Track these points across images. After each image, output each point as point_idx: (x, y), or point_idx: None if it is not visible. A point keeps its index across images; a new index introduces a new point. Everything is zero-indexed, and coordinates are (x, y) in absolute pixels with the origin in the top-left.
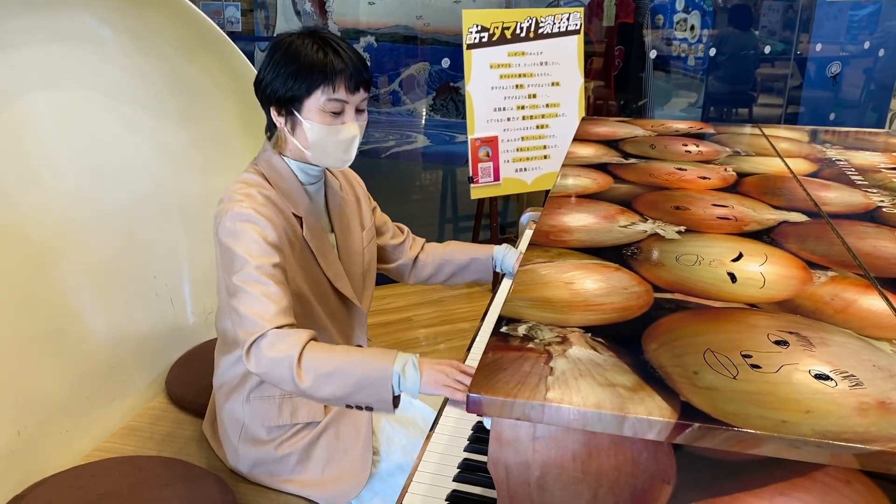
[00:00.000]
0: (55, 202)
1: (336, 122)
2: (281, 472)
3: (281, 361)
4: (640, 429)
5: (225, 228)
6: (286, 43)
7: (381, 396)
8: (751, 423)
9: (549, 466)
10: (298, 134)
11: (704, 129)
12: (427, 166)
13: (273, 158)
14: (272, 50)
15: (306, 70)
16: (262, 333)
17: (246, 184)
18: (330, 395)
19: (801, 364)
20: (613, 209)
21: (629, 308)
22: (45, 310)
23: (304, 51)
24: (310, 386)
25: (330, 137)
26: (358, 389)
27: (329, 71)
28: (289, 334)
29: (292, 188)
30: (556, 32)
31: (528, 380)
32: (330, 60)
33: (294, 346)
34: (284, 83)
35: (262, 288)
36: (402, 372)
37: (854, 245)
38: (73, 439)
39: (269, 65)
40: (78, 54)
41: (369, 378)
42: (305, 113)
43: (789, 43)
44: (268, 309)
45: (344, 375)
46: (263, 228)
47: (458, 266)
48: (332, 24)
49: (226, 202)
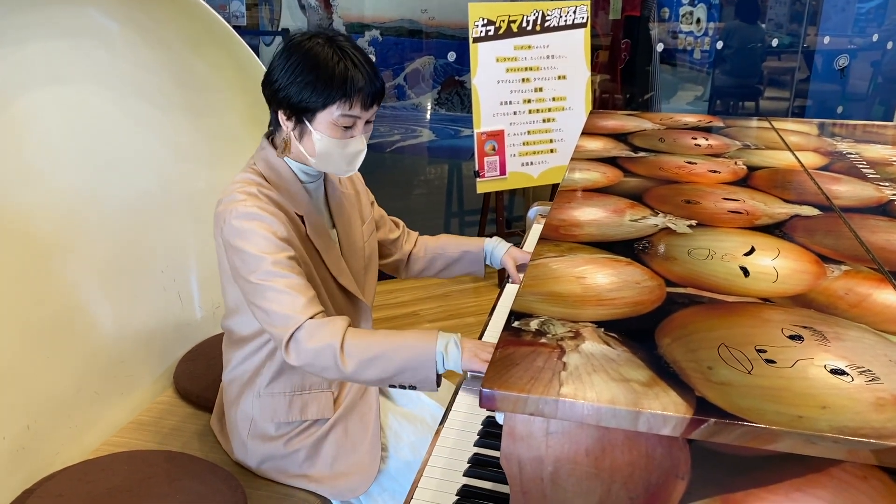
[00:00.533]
0: (62, 197)
1: (346, 136)
2: (289, 468)
3: (323, 350)
4: (654, 424)
5: (231, 229)
6: (304, 48)
7: (426, 376)
8: (766, 419)
9: (562, 462)
10: (306, 142)
11: (713, 123)
12: (432, 160)
13: (271, 158)
14: (288, 52)
15: (325, 83)
16: (299, 326)
17: (245, 183)
18: (374, 378)
19: (816, 359)
20: (623, 203)
21: (642, 303)
22: (52, 305)
23: (325, 61)
24: (354, 371)
25: (337, 150)
26: (402, 371)
27: (349, 88)
28: (325, 323)
29: (292, 187)
30: (562, 26)
31: (541, 375)
32: (350, 76)
33: (335, 334)
34: (300, 92)
35: (286, 281)
36: (444, 351)
37: (867, 239)
38: (81, 434)
39: (284, 68)
40: (84, 49)
41: (414, 360)
42: (316, 124)
43: (796, 36)
44: (296, 301)
45: (388, 359)
46: (271, 224)
47: (449, 259)
48: (336, 18)
49: (227, 202)
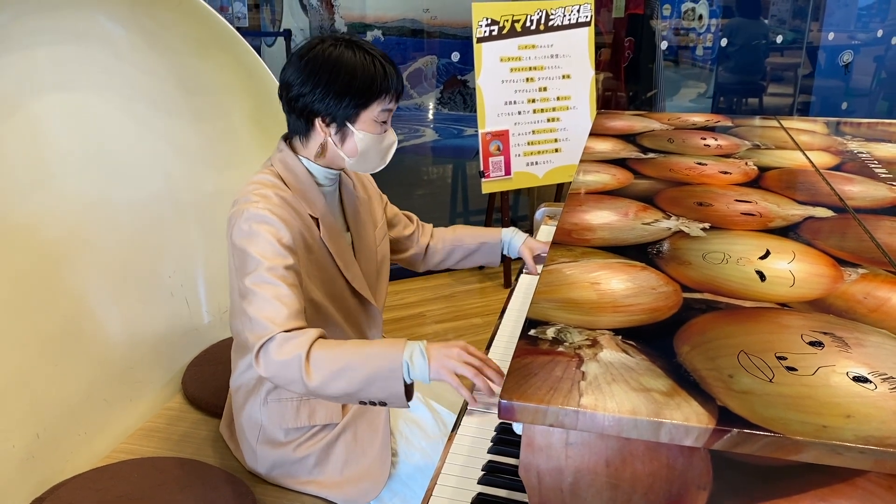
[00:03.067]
0: (69, 202)
1: (383, 131)
2: (299, 474)
3: (290, 363)
4: (676, 435)
5: (240, 230)
6: (326, 55)
7: (393, 389)
8: (791, 429)
9: (582, 472)
10: (347, 144)
11: (722, 123)
12: (436, 160)
13: (289, 159)
14: (311, 63)
15: (367, 84)
16: (271, 337)
17: (261, 184)
18: (341, 393)
19: (837, 366)
20: (635, 206)
21: (658, 309)
22: (61, 311)
23: (358, 63)
24: (319, 384)
25: (376, 146)
26: (368, 384)
27: (389, 83)
28: (296, 335)
29: (308, 189)
30: (566, 25)
31: (560, 385)
32: (388, 71)
33: (302, 346)
34: (340, 99)
35: (274, 290)
36: (410, 361)
37: (883, 241)
38: (91, 441)
39: (312, 79)
40: (91, 54)
41: (379, 371)
42: (360, 125)
43: (799, 32)
44: (278, 312)
45: (353, 370)
46: (278, 230)
47: (467, 250)
48: (338, 17)
49: (241, 203)
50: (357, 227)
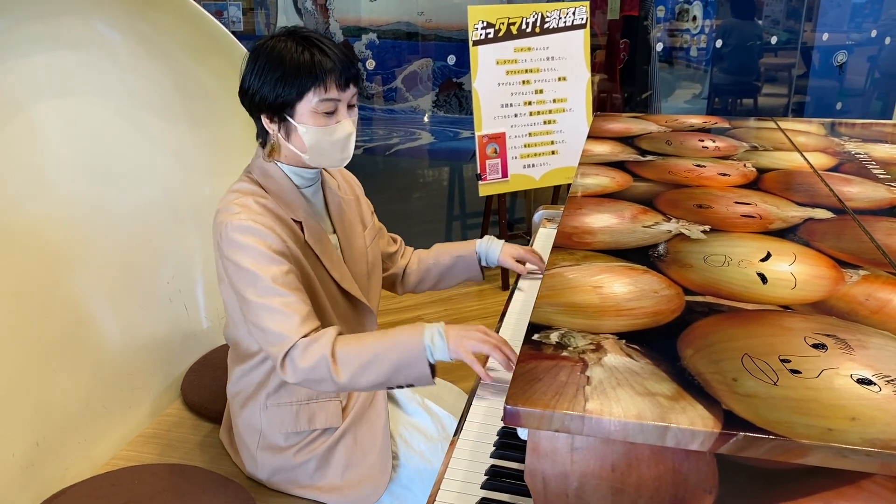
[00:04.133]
0: (67, 208)
1: (331, 122)
2: (300, 479)
3: (317, 366)
4: (682, 439)
5: (228, 242)
6: (268, 47)
7: (419, 372)
8: (796, 432)
9: (587, 477)
10: (294, 139)
11: (719, 124)
12: (432, 163)
13: (266, 165)
14: (253, 56)
15: (294, 73)
16: (293, 345)
17: (240, 193)
18: (370, 384)
19: (841, 368)
20: (635, 209)
21: (661, 312)
22: (59, 318)
23: (289, 53)
24: (349, 380)
25: (326, 138)
26: (396, 372)
27: (318, 71)
28: (316, 339)
29: (288, 193)
30: (561, 27)
31: (565, 390)
32: (318, 60)
33: (325, 347)
34: (273, 89)
35: (281, 300)
36: (431, 343)
37: (883, 242)
38: (91, 448)
39: (252, 72)
40: (88, 60)
41: (405, 357)
42: (298, 117)
43: (793, 32)
44: (291, 320)
45: (380, 361)
46: (265, 238)
47: (443, 268)
48: (333, 21)
49: (223, 213)
50: (343, 228)
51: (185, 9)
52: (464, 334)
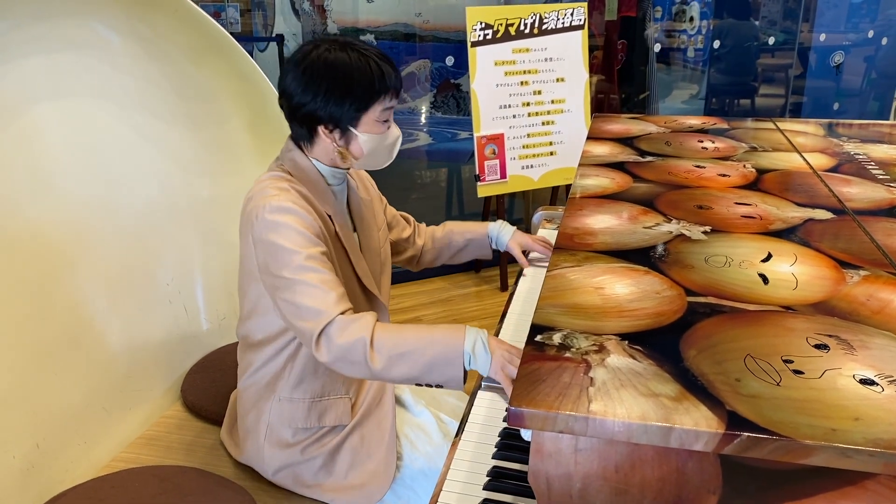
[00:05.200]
0: (66, 211)
1: (386, 129)
2: (305, 477)
3: (354, 346)
4: (686, 440)
5: (264, 223)
6: (322, 59)
7: (453, 375)
8: (800, 433)
9: (591, 478)
10: (353, 147)
11: (718, 125)
12: (431, 164)
13: (298, 158)
14: (307, 69)
15: (366, 87)
16: (330, 321)
17: (275, 180)
18: (402, 376)
19: (844, 369)
20: (636, 210)
21: (663, 313)
22: (59, 319)
23: (354, 66)
24: (382, 368)
25: (382, 144)
26: (430, 369)
27: (388, 82)
28: (355, 319)
29: (320, 188)
30: (560, 28)
31: (568, 391)
32: (385, 71)
33: (364, 329)
34: (340, 104)
35: (318, 276)
36: (472, 352)
37: (883, 242)
38: (91, 450)
39: (310, 86)
40: (87, 62)
41: (441, 357)
42: (362, 127)
43: (790, 33)
44: (328, 296)
45: (416, 356)
46: (304, 219)
47: (456, 248)
48: (330, 23)
49: (258, 198)
50: (363, 227)
51: (185, 10)
52: (508, 357)
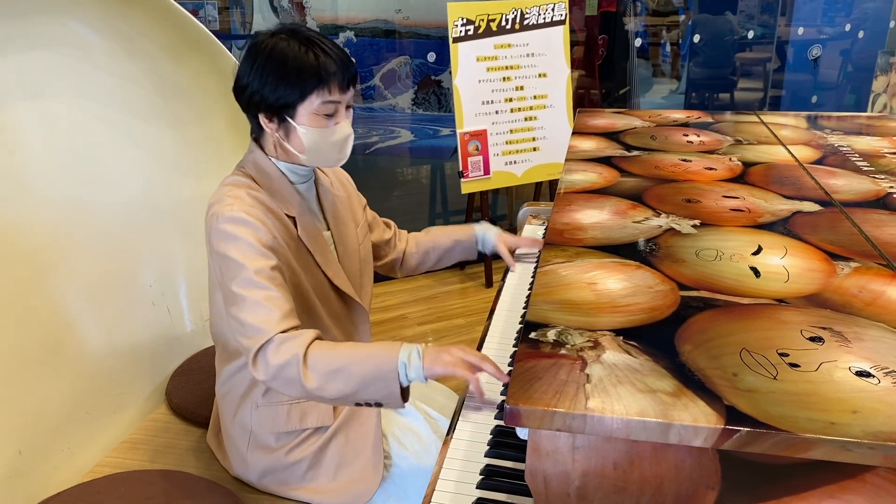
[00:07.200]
0: (45, 212)
1: (330, 124)
2: (291, 480)
3: (287, 365)
4: (685, 436)
5: (217, 233)
6: (268, 46)
7: (389, 390)
8: (799, 426)
9: (589, 476)
10: (293, 139)
11: (702, 119)
12: (413, 161)
13: (260, 159)
14: (252, 53)
15: (297, 74)
16: (268, 340)
17: (234, 186)
18: (337, 394)
19: (840, 361)
20: (624, 204)
21: (657, 308)
22: (40, 323)
23: (292, 53)
24: (317, 386)
25: (325, 140)
26: (365, 385)
27: (322, 73)
28: (291, 337)
29: (282, 188)
30: (541, 23)
31: (565, 388)
32: (322, 62)
33: (299, 347)
34: (275, 90)
35: (264, 293)
36: (407, 361)
37: (871, 234)
38: (75, 456)
39: (252, 70)
40: (63, 60)
41: (375, 371)
42: (299, 118)
43: (768, 27)
44: (271, 315)
45: (350, 371)
46: (256, 231)
47: (442, 251)
48: (310, 19)
49: (214, 206)
50: (337, 225)
51: (164, 8)
52: (442, 350)
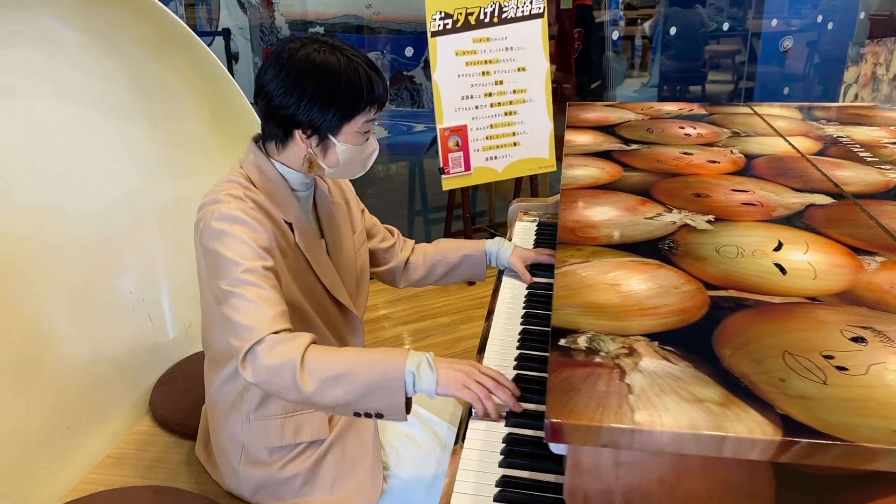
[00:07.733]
0: (20, 217)
1: (364, 141)
2: (287, 495)
3: (282, 367)
4: (741, 449)
5: (210, 231)
6: (311, 61)
7: (394, 399)
8: (861, 436)
9: (633, 493)
10: (329, 156)
11: (696, 111)
12: (390, 158)
13: (261, 163)
14: (293, 70)
15: (353, 96)
16: (259, 339)
17: (231, 185)
18: (337, 402)
19: (888, 363)
20: (633, 200)
21: (687, 310)
22: (16, 334)
23: (343, 73)
24: (314, 392)
25: (358, 155)
26: (368, 393)
27: (376, 94)
28: (288, 338)
29: (282, 194)
30: (519, 17)
31: (607, 401)
32: (372, 83)
33: (296, 350)
34: (325, 112)
35: (256, 291)
36: (416, 371)
37: (890, 226)
38: (56, 473)
39: (295, 88)
40: (37, 58)
41: (381, 379)
42: (343, 137)
43: (737, 19)
44: (263, 313)
45: (353, 377)
46: (253, 230)
47: (450, 265)
48: (278, 15)
49: (209, 204)
50: (332, 233)
51: (141, 3)
52: (457, 368)
